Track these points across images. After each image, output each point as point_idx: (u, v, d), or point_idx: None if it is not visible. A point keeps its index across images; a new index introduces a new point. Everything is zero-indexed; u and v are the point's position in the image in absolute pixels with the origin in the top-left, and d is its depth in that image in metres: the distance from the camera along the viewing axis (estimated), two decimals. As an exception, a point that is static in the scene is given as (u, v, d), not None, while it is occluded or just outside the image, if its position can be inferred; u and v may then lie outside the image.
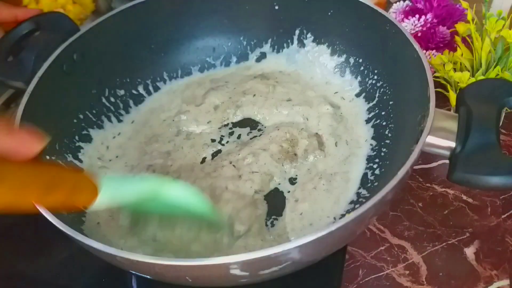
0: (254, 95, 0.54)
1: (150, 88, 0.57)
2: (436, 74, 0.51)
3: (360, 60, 0.53)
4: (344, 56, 0.55)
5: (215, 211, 0.40)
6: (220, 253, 0.40)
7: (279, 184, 0.47)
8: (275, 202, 0.45)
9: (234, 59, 0.59)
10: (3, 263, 0.48)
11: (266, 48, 0.59)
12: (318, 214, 0.44)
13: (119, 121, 0.54)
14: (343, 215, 0.43)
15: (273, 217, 0.44)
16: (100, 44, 0.51)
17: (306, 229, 0.42)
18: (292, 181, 0.47)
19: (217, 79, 0.58)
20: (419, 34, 0.58)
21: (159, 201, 0.36)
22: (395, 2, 0.64)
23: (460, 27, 0.53)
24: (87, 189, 0.31)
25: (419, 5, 0.61)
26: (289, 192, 0.46)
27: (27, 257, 0.48)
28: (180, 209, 0.37)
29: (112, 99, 0.54)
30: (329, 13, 0.53)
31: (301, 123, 0.51)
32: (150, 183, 0.36)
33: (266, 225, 0.44)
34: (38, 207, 0.32)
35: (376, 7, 0.48)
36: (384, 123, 0.49)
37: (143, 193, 0.35)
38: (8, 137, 0.26)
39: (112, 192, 0.33)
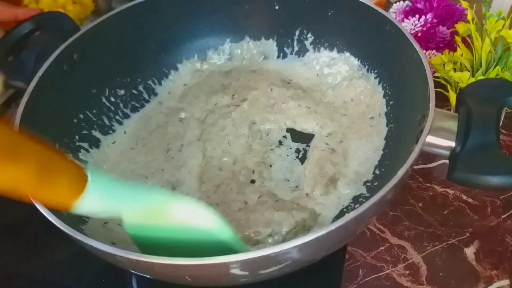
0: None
1: (151, 87, 0.57)
2: (436, 74, 0.51)
3: (360, 60, 0.53)
4: (344, 56, 0.55)
5: (238, 239, 0.34)
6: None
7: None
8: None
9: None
10: (3, 264, 0.48)
11: (266, 48, 0.59)
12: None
13: (120, 123, 0.54)
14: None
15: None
16: (100, 44, 0.51)
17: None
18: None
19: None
20: (419, 34, 0.58)
21: (161, 219, 0.30)
22: (395, 2, 0.64)
23: (460, 27, 0.53)
24: (75, 179, 0.28)
25: (419, 5, 0.61)
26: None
27: (28, 258, 0.48)
28: (190, 235, 0.31)
29: (113, 99, 0.54)
30: (329, 13, 0.53)
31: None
32: (152, 194, 0.31)
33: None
34: (35, 203, 0.31)
35: (376, 7, 0.48)
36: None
37: (141, 203, 0.30)
38: None
39: (103, 193, 0.29)
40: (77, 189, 0.29)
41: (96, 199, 0.29)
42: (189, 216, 0.31)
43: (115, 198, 0.30)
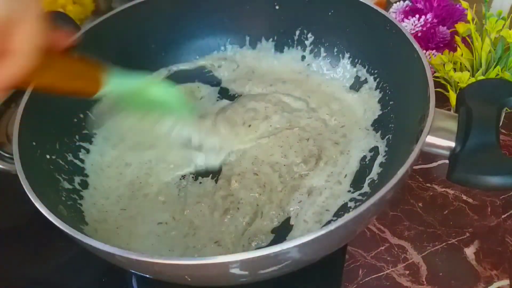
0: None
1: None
2: (436, 74, 0.51)
3: (361, 60, 0.53)
4: (345, 56, 0.55)
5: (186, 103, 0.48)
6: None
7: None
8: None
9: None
10: (5, 266, 0.48)
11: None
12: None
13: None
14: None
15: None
16: (101, 43, 0.51)
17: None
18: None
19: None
20: (419, 34, 0.58)
21: (146, 96, 0.44)
22: (395, 2, 0.64)
23: (460, 27, 0.53)
24: (99, 78, 0.40)
25: (419, 5, 0.61)
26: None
27: (29, 260, 0.48)
28: (159, 106, 0.45)
29: (113, 99, 0.54)
30: (330, 13, 0.53)
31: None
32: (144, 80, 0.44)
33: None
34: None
35: (376, 7, 0.48)
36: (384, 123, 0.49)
37: (137, 85, 0.43)
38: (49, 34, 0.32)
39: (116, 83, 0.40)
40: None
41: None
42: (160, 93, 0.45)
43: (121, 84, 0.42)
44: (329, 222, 0.43)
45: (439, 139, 0.37)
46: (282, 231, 0.43)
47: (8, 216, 0.52)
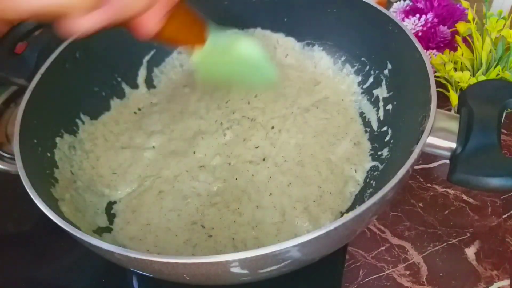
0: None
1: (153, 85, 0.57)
2: (437, 74, 0.51)
3: (362, 59, 0.53)
4: (346, 55, 0.55)
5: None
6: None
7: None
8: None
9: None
10: (5, 267, 0.48)
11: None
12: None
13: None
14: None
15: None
16: (103, 42, 0.51)
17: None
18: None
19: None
20: (420, 34, 0.58)
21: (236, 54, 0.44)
22: (396, 2, 0.64)
23: (461, 26, 0.53)
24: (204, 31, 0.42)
25: (420, 5, 0.61)
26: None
27: (29, 261, 0.48)
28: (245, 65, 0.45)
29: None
30: (331, 12, 0.53)
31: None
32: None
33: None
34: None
35: (379, 7, 0.48)
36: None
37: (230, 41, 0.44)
38: None
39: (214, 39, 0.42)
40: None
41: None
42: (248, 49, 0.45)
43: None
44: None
45: (440, 139, 0.37)
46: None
47: (7, 217, 0.51)
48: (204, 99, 0.55)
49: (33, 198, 0.35)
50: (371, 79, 0.52)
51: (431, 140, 0.37)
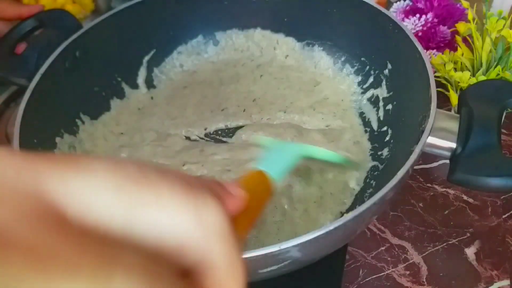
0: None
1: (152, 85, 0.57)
2: (437, 74, 0.51)
3: (362, 59, 0.53)
4: (346, 55, 0.55)
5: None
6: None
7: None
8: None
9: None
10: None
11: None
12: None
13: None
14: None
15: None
16: (103, 42, 0.51)
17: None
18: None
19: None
20: (420, 34, 0.58)
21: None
22: (396, 2, 0.63)
23: (461, 26, 0.53)
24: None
25: (420, 5, 0.61)
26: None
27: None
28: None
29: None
30: (331, 12, 0.53)
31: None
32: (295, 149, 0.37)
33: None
34: None
35: (379, 7, 0.48)
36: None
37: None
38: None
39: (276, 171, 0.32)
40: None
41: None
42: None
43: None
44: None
45: (440, 140, 0.37)
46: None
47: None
48: (204, 102, 0.55)
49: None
50: (371, 79, 0.52)
51: (431, 140, 0.37)
